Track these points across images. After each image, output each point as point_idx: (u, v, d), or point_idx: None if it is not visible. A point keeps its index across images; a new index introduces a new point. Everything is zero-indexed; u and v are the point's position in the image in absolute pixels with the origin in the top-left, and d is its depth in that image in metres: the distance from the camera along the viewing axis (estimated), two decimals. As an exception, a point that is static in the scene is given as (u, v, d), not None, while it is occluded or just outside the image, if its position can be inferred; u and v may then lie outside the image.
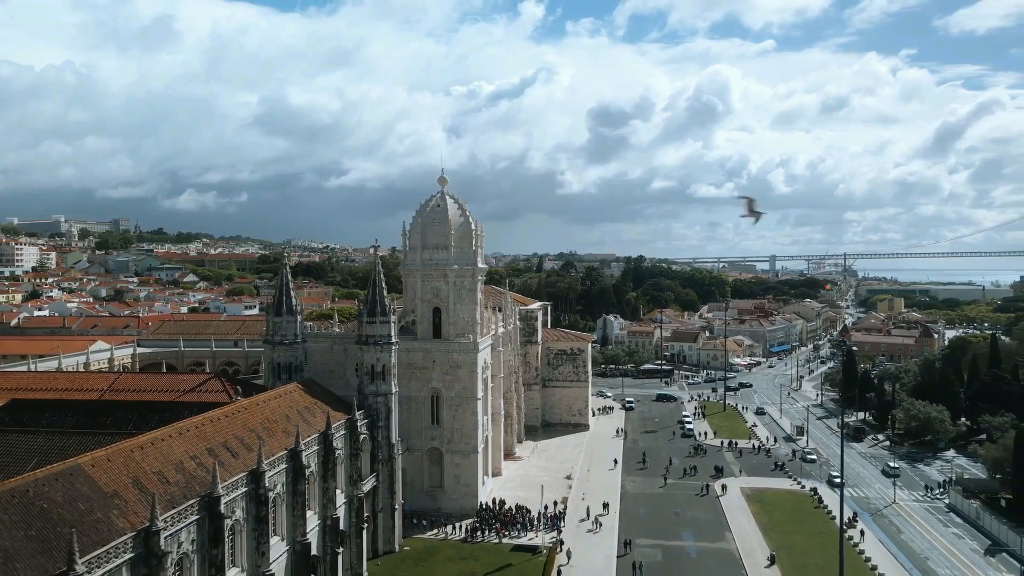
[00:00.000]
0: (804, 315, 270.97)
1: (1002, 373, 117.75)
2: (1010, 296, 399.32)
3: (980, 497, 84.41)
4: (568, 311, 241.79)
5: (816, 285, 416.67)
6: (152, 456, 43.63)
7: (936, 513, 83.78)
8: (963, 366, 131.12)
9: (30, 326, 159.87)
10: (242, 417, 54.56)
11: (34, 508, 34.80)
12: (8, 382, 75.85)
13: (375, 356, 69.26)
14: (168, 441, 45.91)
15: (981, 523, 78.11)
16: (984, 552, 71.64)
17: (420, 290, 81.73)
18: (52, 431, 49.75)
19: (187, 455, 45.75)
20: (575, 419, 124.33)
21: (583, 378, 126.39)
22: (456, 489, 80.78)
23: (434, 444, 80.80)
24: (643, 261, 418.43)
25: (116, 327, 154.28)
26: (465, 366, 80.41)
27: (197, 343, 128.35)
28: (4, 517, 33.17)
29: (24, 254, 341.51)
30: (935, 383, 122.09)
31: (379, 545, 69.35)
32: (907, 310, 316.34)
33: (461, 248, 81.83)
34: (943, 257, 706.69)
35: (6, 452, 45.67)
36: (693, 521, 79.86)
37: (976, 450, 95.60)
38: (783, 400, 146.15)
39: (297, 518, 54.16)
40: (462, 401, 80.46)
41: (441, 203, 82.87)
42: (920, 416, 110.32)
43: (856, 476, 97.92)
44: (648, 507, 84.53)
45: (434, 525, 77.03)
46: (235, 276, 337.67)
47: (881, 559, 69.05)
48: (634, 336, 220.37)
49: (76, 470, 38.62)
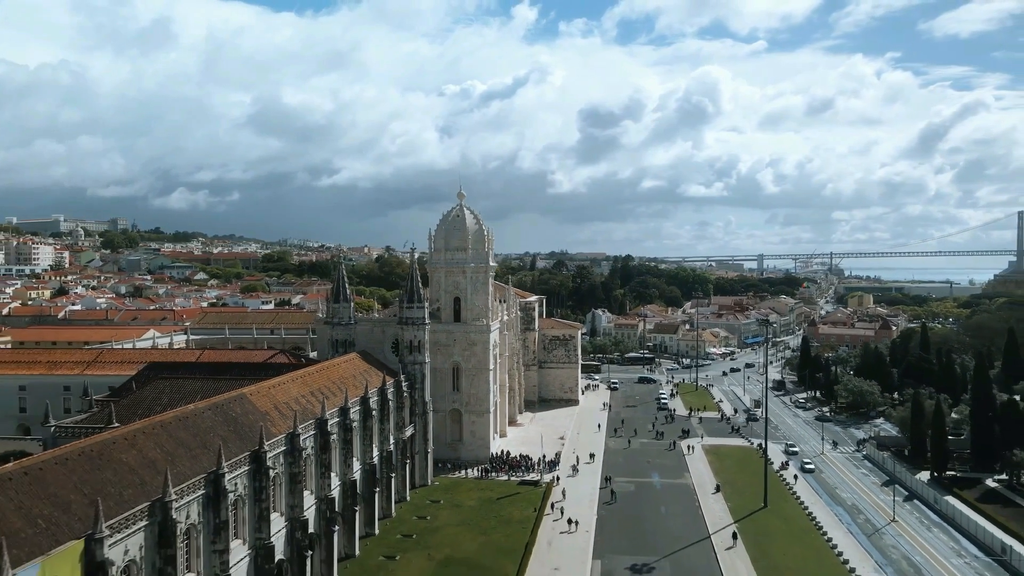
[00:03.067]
0: (778, 310, 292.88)
1: (927, 356, 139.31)
2: (977, 293, 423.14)
3: (891, 450, 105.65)
4: (560, 306, 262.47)
5: (795, 283, 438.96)
6: (280, 393, 64.14)
7: (853, 461, 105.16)
8: (902, 352, 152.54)
9: (76, 318, 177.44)
10: (325, 373, 75.18)
11: (228, 415, 55.30)
12: (124, 356, 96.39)
13: (413, 333, 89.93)
14: (286, 385, 66.50)
15: (885, 466, 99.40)
16: (881, 484, 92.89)
17: (444, 283, 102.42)
18: (204, 378, 70.04)
19: (300, 394, 66.32)
20: (567, 395, 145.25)
21: (574, 360, 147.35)
22: (472, 442, 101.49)
23: (455, 406, 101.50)
24: (631, 260, 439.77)
25: (154, 319, 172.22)
26: (480, 344, 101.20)
27: (239, 331, 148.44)
28: (215, 419, 53.67)
29: (40, 253, 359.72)
30: (872, 365, 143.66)
31: (416, 479, 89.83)
32: (876, 306, 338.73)
33: (476, 250, 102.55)
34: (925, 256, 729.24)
35: (179, 390, 66.06)
36: (660, 466, 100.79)
37: (890, 414, 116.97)
38: (746, 381, 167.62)
39: (367, 446, 74.73)
40: (477, 372, 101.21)
41: (460, 214, 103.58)
42: (855, 390, 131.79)
43: (797, 436, 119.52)
44: (625, 457, 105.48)
45: (455, 469, 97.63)
46: (244, 274, 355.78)
47: (802, 489, 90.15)
48: (620, 328, 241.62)
49: (242, 397, 59.12)
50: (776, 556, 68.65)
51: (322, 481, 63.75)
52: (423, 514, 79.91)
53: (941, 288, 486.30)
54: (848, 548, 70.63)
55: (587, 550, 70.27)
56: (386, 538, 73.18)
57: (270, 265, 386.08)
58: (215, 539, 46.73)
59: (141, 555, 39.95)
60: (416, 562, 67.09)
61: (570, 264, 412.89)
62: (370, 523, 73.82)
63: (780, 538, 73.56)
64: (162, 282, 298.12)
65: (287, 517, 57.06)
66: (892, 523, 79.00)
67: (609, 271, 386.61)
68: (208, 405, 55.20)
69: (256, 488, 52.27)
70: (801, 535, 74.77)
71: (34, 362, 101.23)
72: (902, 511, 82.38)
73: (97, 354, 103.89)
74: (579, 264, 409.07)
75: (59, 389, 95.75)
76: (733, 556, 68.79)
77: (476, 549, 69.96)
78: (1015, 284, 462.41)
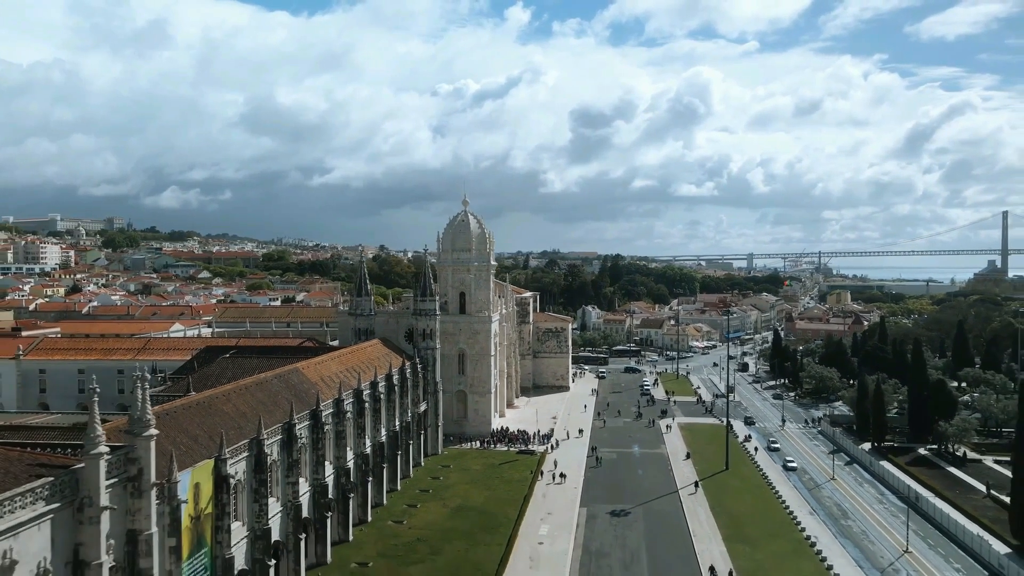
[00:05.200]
0: (759, 307, 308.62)
1: (883, 346, 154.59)
2: (954, 291, 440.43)
3: (842, 426, 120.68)
4: (552, 303, 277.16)
5: (779, 281, 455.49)
6: (323, 369, 78.40)
7: (808, 435, 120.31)
8: (863, 343, 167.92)
9: (99, 313, 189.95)
10: (356, 355, 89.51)
11: (289, 383, 69.54)
12: (168, 344, 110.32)
13: (426, 323, 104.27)
14: (328, 362, 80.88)
15: (834, 438, 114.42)
16: (828, 452, 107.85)
17: (451, 280, 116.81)
18: (256, 357, 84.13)
19: (339, 370, 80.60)
20: (559, 382, 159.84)
21: (565, 351, 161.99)
22: (476, 419, 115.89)
23: (461, 387, 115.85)
24: (621, 260, 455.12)
25: (172, 315, 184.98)
26: (482, 333, 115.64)
27: (258, 324, 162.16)
28: (280, 385, 67.93)
29: (47, 253, 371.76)
30: (834, 354, 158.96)
31: (427, 448, 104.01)
32: (853, 303, 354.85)
33: (479, 250, 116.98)
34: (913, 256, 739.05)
35: (239, 367, 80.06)
36: (640, 439, 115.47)
37: (845, 396, 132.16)
38: (723, 371, 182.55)
39: (391, 416, 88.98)
40: (480, 357, 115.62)
41: (465, 219, 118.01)
42: (817, 376, 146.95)
43: (762, 415, 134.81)
44: (610, 433, 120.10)
45: (461, 441, 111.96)
46: (246, 273, 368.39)
47: (761, 457, 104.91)
48: (609, 324, 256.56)
49: (296, 370, 73.34)
50: (730, 503, 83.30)
51: (358, 440, 77.98)
52: (436, 475, 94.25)
53: (918, 287, 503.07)
54: (791, 499, 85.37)
55: (575, 500, 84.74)
56: (407, 492, 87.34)
57: (271, 264, 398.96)
58: (288, 473, 60.97)
59: (245, 477, 54.14)
60: (434, 509, 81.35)
61: (562, 263, 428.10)
62: (393, 480, 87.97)
63: (735, 491, 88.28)
64: (169, 280, 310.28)
65: (334, 466, 71.33)
66: (831, 481, 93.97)
67: (599, 270, 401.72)
68: (273, 375, 69.42)
69: (314, 439, 66.56)
70: (753, 489, 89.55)
71: (90, 349, 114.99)
72: (842, 472, 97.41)
73: (145, 342, 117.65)
74: (570, 263, 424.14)
75: (114, 372, 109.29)
76: (694, 503, 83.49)
77: (483, 500, 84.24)
78: (993, 283, 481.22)
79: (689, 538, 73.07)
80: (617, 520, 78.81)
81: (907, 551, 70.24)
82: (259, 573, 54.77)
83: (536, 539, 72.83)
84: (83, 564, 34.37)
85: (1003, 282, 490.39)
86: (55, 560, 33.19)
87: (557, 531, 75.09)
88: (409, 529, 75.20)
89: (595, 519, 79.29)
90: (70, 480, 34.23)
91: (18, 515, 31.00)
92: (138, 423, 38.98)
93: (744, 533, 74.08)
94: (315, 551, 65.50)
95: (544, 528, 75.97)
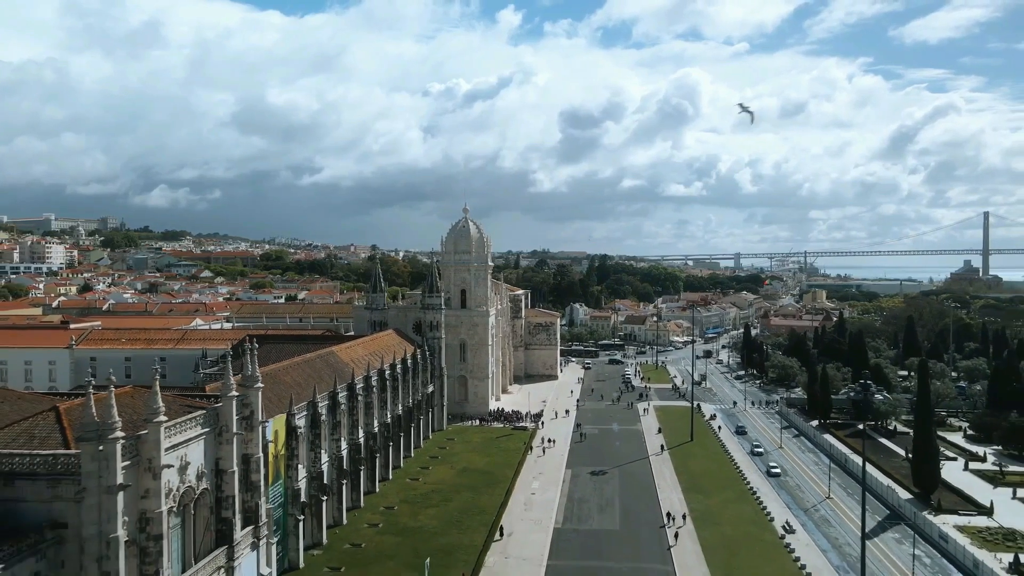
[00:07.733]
0: (738, 304, 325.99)
1: (840, 339, 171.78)
2: (929, 290, 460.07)
3: (796, 407, 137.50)
4: (542, 301, 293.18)
5: (758, 280, 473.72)
6: (352, 352, 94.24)
7: (767, 415, 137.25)
8: (823, 336, 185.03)
9: (118, 310, 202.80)
10: (375, 343, 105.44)
11: (328, 362, 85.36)
12: (203, 335, 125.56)
13: (432, 316, 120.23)
14: (354, 347, 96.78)
15: (788, 417, 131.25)
16: (781, 428, 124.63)
17: (453, 278, 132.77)
18: (293, 343, 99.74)
19: (364, 354, 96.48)
20: (548, 372, 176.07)
21: (554, 343, 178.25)
22: (475, 401, 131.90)
23: (462, 373, 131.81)
24: (608, 259, 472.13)
25: (187, 311, 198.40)
26: (481, 325, 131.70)
27: (274, 319, 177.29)
28: (321, 364, 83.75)
29: (53, 252, 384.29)
30: (796, 346, 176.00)
31: (434, 424, 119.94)
32: (828, 301, 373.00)
33: (478, 252, 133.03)
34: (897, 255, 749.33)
35: (281, 351, 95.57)
36: (619, 418, 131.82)
37: (803, 382, 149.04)
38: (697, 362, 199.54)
39: (405, 394, 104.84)
40: (479, 346, 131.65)
41: (466, 224, 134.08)
42: (780, 365, 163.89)
43: (727, 397, 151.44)
44: (593, 413, 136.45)
45: (462, 420, 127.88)
46: (247, 272, 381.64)
47: (725, 434, 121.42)
48: (595, 320, 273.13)
49: (331, 353, 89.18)
50: (690, 464, 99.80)
51: (381, 411, 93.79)
52: (443, 445, 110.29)
53: (892, 285, 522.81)
54: (742, 462, 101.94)
55: (562, 464, 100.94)
56: (419, 459, 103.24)
57: (270, 264, 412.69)
58: (333, 431, 76.89)
59: (304, 431, 69.95)
60: (443, 470, 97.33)
61: (551, 263, 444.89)
62: (408, 448, 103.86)
63: (696, 456, 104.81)
64: (173, 279, 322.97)
65: (364, 430, 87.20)
66: (779, 449, 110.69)
67: (587, 269, 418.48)
68: (315, 356, 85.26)
69: (350, 407, 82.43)
70: (712, 455, 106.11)
71: (135, 339, 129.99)
72: (789, 443, 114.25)
73: (183, 333, 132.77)
74: (560, 263, 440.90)
75: (156, 360, 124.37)
76: (661, 464, 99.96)
77: (484, 463, 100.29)
78: (967, 283, 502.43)
79: (654, 489, 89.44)
80: (596, 477, 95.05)
81: (828, 497, 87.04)
82: (314, 505, 70.69)
83: (529, 491, 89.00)
84: (222, 472, 50.12)
85: (976, 281, 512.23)
86: (207, 466, 48.89)
87: (547, 485, 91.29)
88: (424, 484, 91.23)
89: (578, 477, 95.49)
90: (214, 414, 49.92)
91: (187, 433, 46.57)
92: (250, 379, 54.75)
93: (699, 485, 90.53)
94: (351, 497, 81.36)
95: (536, 484, 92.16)
